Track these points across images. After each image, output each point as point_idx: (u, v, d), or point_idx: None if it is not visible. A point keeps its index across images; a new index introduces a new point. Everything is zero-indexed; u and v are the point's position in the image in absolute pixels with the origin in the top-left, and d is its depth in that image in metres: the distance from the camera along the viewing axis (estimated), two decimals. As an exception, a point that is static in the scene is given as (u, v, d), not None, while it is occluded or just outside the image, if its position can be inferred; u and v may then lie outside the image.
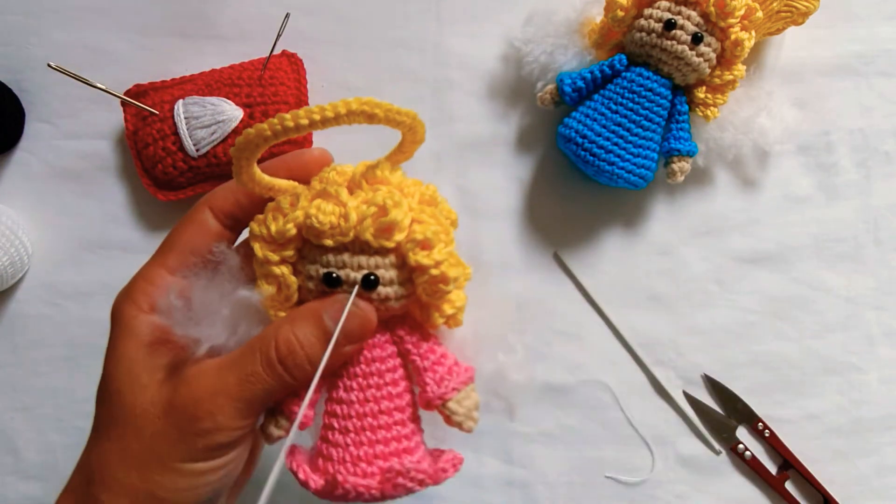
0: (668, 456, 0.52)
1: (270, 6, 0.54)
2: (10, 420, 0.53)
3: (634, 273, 0.54)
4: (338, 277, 0.31)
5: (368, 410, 0.33)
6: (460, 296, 0.33)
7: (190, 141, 0.50)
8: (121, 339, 0.34)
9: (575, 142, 0.48)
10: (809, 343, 0.53)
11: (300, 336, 0.31)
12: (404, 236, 0.30)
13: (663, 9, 0.47)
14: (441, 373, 0.33)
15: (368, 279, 0.30)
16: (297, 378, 0.31)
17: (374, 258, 0.31)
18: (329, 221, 0.30)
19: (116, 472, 0.32)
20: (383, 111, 0.29)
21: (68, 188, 0.54)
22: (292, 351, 0.31)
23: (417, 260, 0.30)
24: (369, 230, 0.30)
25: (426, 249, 0.30)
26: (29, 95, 0.54)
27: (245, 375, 0.31)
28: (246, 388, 0.31)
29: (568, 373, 0.53)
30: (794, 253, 0.54)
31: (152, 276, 0.34)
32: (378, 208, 0.30)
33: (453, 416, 0.33)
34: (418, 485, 0.32)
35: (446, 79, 0.55)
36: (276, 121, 0.27)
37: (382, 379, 0.33)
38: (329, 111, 0.27)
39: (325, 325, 0.31)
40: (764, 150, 0.53)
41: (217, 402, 0.31)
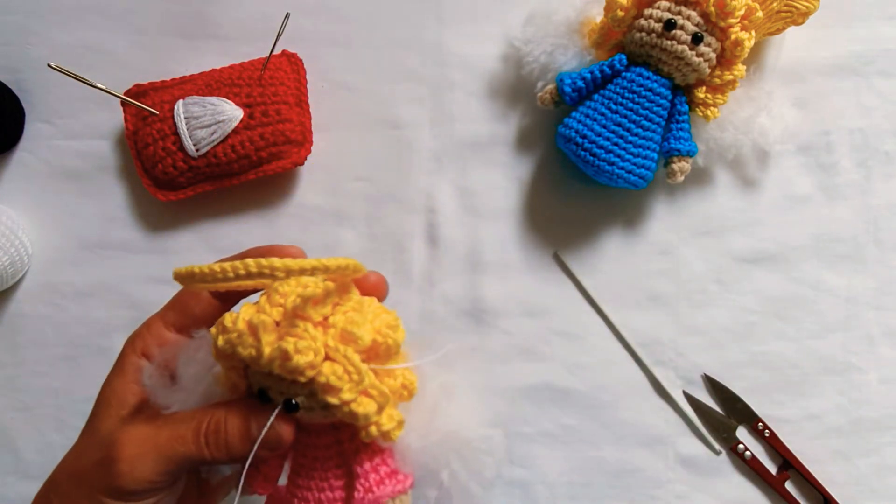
0: (668, 456, 0.52)
1: (270, 6, 0.54)
2: (10, 420, 0.53)
3: (634, 273, 0.54)
4: (268, 396, 0.33)
5: (311, 497, 0.36)
6: (391, 417, 0.34)
7: (190, 141, 0.49)
8: (112, 373, 0.38)
9: (575, 142, 0.48)
10: (809, 343, 0.53)
11: (228, 426, 0.34)
12: (312, 375, 0.32)
13: (663, 9, 0.47)
14: (372, 482, 0.35)
15: (289, 403, 0.33)
16: (215, 456, 0.34)
17: (293, 387, 0.33)
18: (248, 354, 0.32)
19: (62, 484, 0.36)
20: (284, 271, 0.30)
21: (68, 188, 0.54)
22: (217, 432, 0.34)
23: (325, 399, 0.32)
24: (279, 368, 0.32)
25: (331, 392, 0.32)
26: (29, 95, 0.54)
27: (175, 435, 0.34)
28: (170, 446, 0.34)
29: (568, 373, 0.53)
30: (794, 253, 0.54)
31: (152, 325, 0.38)
32: (282, 353, 0.31)
33: None
34: None
35: (446, 79, 0.55)
36: (201, 269, 0.31)
37: (325, 474, 0.36)
38: (229, 271, 0.30)
39: (249, 427, 0.34)
40: (764, 150, 0.53)
41: (142, 448, 0.34)
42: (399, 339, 0.35)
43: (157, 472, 0.34)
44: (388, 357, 0.35)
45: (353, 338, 0.33)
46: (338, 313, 0.34)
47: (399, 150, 0.54)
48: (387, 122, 0.54)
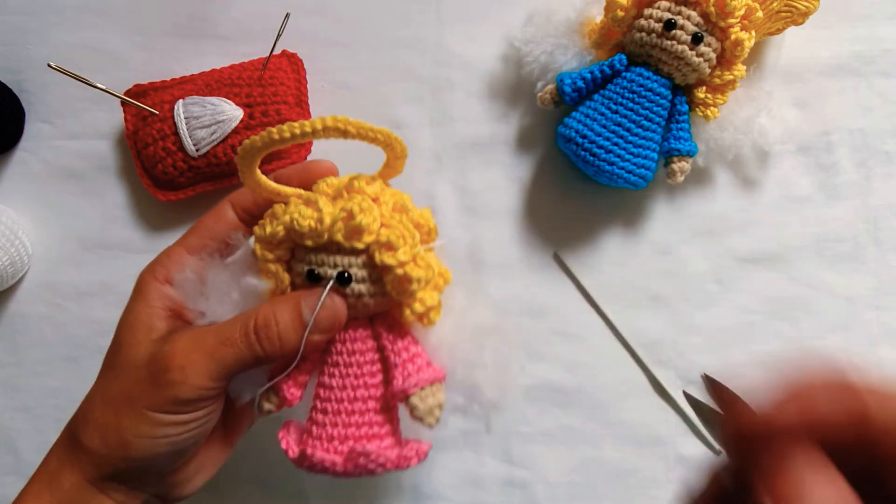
0: (668, 456, 0.52)
1: (270, 6, 0.54)
2: (10, 420, 0.53)
3: (634, 273, 0.54)
4: (318, 274, 0.35)
5: (346, 396, 0.36)
6: (432, 296, 0.36)
7: (190, 141, 0.49)
8: (133, 302, 0.37)
9: (575, 142, 0.48)
10: (809, 343, 0.53)
11: (277, 315, 0.34)
12: (372, 238, 0.34)
13: (663, 9, 0.47)
14: (410, 370, 0.36)
15: (342, 276, 0.34)
16: (267, 350, 0.34)
17: (347, 258, 0.35)
18: (308, 224, 0.34)
19: (95, 410, 0.35)
20: (355, 128, 0.33)
21: (68, 188, 0.54)
22: (267, 325, 0.34)
23: (382, 260, 0.34)
24: (340, 232, 0.34)
25: (390, 251, 0.34)
26: (29, 95, 0.54)
27: (222, 338, 0.34)
28: (219, 350, 0.34)
29: (568, 373, 0.53)
30: (794, 253, 0.54)
31: (172, 252, 0.38)
32: (347, 213, 0.34)
33: (414, 410, 0.36)
34: (379, 468, 0.35)
35: (446, 79, 0.55)
36: (265, 133, 0.32)
37: (360, 370, 0.37)
38: (308, 126, 0.32)
39: (300, 311, 0.34)
40: (764, 150, 0.53)
41: (190, 357, 0.34)
42: (435, 225, 0.38)
43: (211, 377, 0.33)
44: (427, 241, 0.37)
45: (405, 209, 0.36)
46: (385, 194, 0.36)
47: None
48: (387, 122, 0.54)
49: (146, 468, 0.35)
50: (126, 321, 0.37)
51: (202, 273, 0.37)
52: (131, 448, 0.34)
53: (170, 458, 0.36)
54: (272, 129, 0.32)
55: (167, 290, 0.37)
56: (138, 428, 0.34)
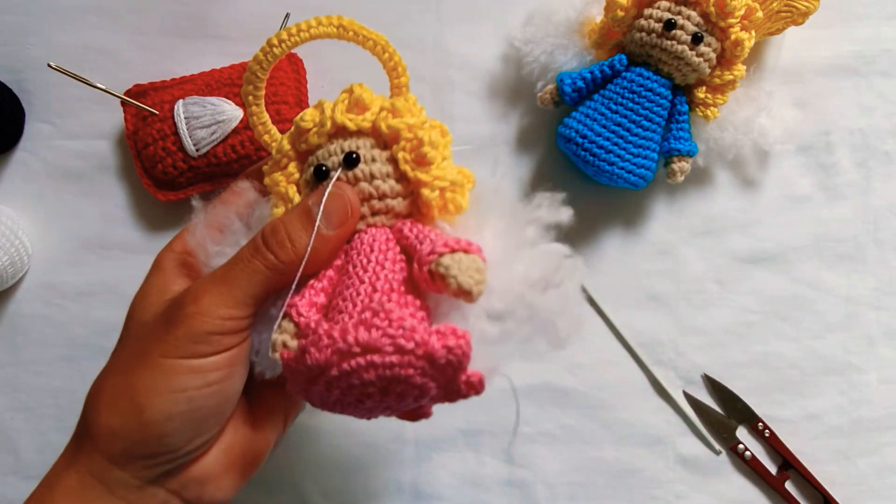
0: (668, 456, 0.52)
1: (270, 6, 0.54)
2: (10, 420, 0.53)
3: (634, 273, 0.54)
4: (325, 167, 0.33)
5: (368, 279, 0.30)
6: (450, 169, 0.33)
7: (190, 141, 0.49)
8: (152, 275, 0.36)
9: (575, 142, 0.48)
10: (809, 343, 0.53)
11: (285, 220, 0.32)
12: (375, 112, 0.33)
13: (663, 9, 0.47)
14: (435, 237, 0.31)
15: (350, 157, 0.32)
16: (279, 256, 0.31)
17: (353, 140, 0.33)
18: (311, 119, 0.33)
19: (105, 382, 0.32)
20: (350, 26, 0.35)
21: (68, 188, 0.54)
22: (274, 230, 0.32)
23: (389, 125, 0.32)
24: (341, 111, 0.33)
25: (398, 116, 0.33)
26: (29, 95, 0.54)
27: (231, 262, 0.32)
28: (230, 270, 0.31)
29: (568, 373, 0.53)
30: (794, 253, 0.54)
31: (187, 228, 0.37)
32: (347, 94, 0.34)
33: (448, 271, 0.28)
34: (401, 337, 0.27)
35: (446, 79, 0.55)
36: (265, 45, 0.35)
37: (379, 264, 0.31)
38: (302, 26, 0.34)
39: (308, 209, 0.32)
40: (764, 150, 0.53)
41: (204, 287, 0.31)
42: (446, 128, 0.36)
43: (227, 304, 0.31)
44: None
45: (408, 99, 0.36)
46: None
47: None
48: (387, 122, 0.54)
49: (162, 438, 0.31)
50: (138, 295, 0.35)
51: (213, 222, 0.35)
52: (146, 409, 0.30)
53: (189, 421, 0.31)
54: (269, 38, 0.34)
55: (183, 258, 0.36)
56: (153, 382, 0.30)
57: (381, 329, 0.28)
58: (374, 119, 0.33)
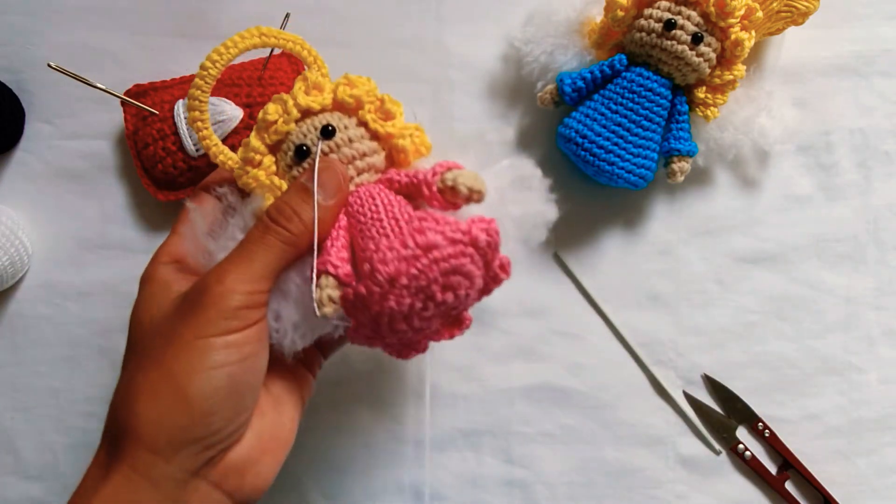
0: (668, 456, 0.52)
1: (270, 6, 0.54)
2: (10, 420, 0.53)
3: (634, 273, 0.54)
4: (303, 146, 0.36)
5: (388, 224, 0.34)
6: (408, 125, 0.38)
7: (190, 141, 0.50)
8: (143, 289, 0.37)
9: (575, 142, 0.48)
10: (809, 343, 0.53)
11: (285, 197, 0.35)
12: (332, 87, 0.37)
13: (663, 9, 0.47)
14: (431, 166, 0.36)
15: (326, 129, 0.36)
16: (289, 228, 0.34)
17: (322, 116, 0.37)
18: (275, 111, 0.36)
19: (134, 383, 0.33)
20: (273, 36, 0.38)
21: (68, 188, 0.54)
22: (280, 208, 0.34)
23: (352, 94, 0.37)
24: (301, 94, 0.36)
25: (354, 87, 0.37)
26: (29, 95, 0.54)
27: (244, 243, 0.34)
28: (246, 250, 0.34)
29: (568, 373, 0.53)
30: (794, 253, 0.54)
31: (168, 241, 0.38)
32: (302, 80, 0.37)
33: (456, 182, 0.34)
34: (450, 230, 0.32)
35: (446, 79, 0.55)
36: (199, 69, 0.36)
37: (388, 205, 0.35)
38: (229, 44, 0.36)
39: (303, 185, 0.35)
40: (764, 150, 0.53)
41: (225, 267, 0.33)
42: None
43: (252, 279, 0.33)
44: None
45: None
46: None
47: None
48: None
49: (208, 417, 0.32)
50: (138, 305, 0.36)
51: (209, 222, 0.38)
52: (189, 389, 0.31)
53: (231, 398, 0.32)
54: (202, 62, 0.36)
55: (176, 266, 0.37)
56: (190, 363, 0.31)
57: (432, 229, 0.32)
58: (333, 95, 0.37)
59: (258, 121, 0.37)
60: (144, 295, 0.36)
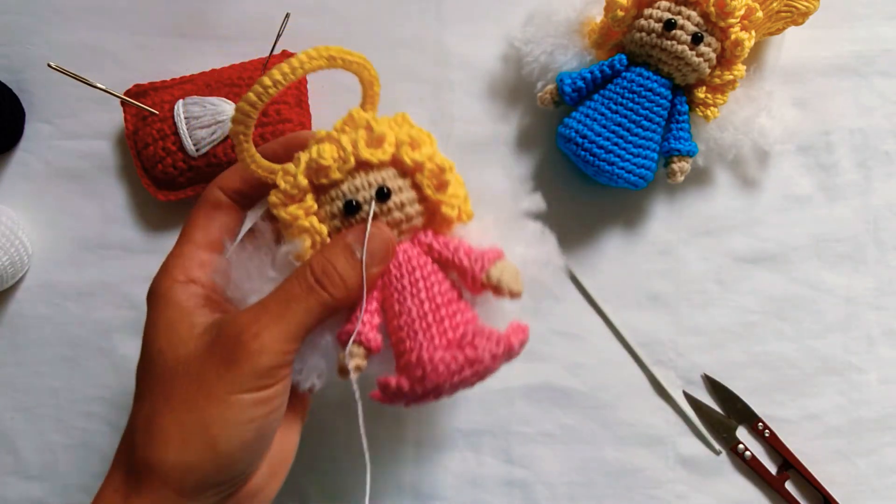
0: (668, 456, 0.52)
1: (270, 6, 0.54)
2: (10, 420, 0.53)
3: (634, 273, 0.54)
4: (356, 203, 0.35)
5: (427, 308, 0.35)
6: (460, 188, 0.37)
7: (190, 141, 0.50)
8: (159, 308, 0.35)
9: (575, 142, 0.48)
10: (809, 343, 0.53)
11: (331, 258, 0.34)
12: (394, 145, 0.35)
13: (663, 9, 0.47)
14: (474, 254, 0.36)
15: (381, 191, 0.34)
16: (334, 294, 0.33)
17: (378, 173, 0.35)
18: (330, 156, 0.34)
19: (162, 422, 0.32)
20: (338, 54, 0.34)
21: (68, 188, 0.54)
22: (326, 271, 0.33)
23: (413, 158, 0.35)
24: (364, 148, 0.34)
25: (416, 148, 0.35)
26: (29, 95, 0.54)
27: (284, 298, 0.33)
28: (287, 309, 0.33)
29: (568, 373, 0.53)
30: (794, 253, 0.54)
31: (183, 252, 0.37)
32: (365, 129, 0.35)
33: (500, 281, 0.35)
34: (496, 346, 0.34)
35: (446, 79, 0.55)
36: (257, 85, 0.33)
37: (428, 280, 0.35)
38: (294, 62, 0.33)
39: (351, 248, 0.34)
40: (764, 150, 0.53)
41: (262, 322, 0.32)
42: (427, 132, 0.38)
43: (287, 339, 0.32)
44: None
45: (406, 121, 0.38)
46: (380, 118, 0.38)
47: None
48: (387, 122, 0.54)
49: (234, 466, 0.33)
50: (157, 328, 0.35)
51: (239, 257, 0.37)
52: (219, 441, 0.32)
53: (257, 447, 0.34)
54: (262, 78, 0.33)
55: (192, 288, 0.35)
56: (223, 418, 0.32)
57: (481, 346, 0.34)
58: (395, 152, 0.35)
59: (311, 159, 0.35)
60: (162, 318, 0.35)
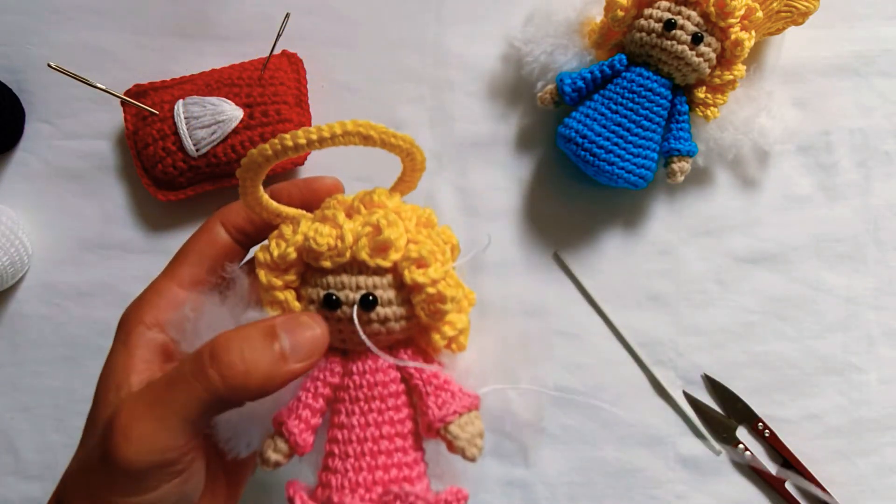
0: (668, 456, 0.52)
1: (270, 6, 0.54)
2: (10, 420, 0.53)
3: (634, 273, 0.54)
4: (337, 299, 0.31)
5: (370, 435, 0.32)
6: (462, 318, 0.33)
7: (190, 141, 0.50)
8: (116, 350, 0.32)
9: (575, 142, 0.48)
10: (809, 343, 0.53)
11: (243, 337, 0.28)
12: (400, 255, 0.31)
13: (663, 9, 0.47)
14: (443, 397, 0.32)
15: (367, 299, 0.31)
16: (227, 379, 0.27)
17: (371, 278, 0.31)
18: (326, 243, 0.30)
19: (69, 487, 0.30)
20: (378, 134, 0.29)
21: (68, 188, 0.54)
22: (228, 348, 0.27)
23: (413, 278, 0.31)
24: (365, 249, 0.30)
25: (422, 267, 0.31)
26: (29, 95, 0.54)
27: (169, 377, 0.27)
28: (166, 393, 0.27)
29: (568, 373, 0.53)
30: (794, 253, 0.54)
31: (162, 288, 0.33)
32: (373, 227, 0.31)
33: (455, 440, 0.32)
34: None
35: (446, 79, 0.55)
36: (277, 141, 0.28)
37: (385, 403, 0.32)
38: (326, 131, 0.28)
39: (275, 333, 0.28)
40: (764, 150, 0.53)
41: (134, 413, 0.26)
42: (457, 241, 0.34)
43: (164, 435, 0.26)
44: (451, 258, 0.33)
45: (431, 224, 0.33)
46: (405, 209, 0.33)
47: (399, 150, 0.54)
48: (387, 122, 0.53)
49: None
50: (106, 376, 0.31)
51: (200, 310, 0.32)
52: None
53: None
54: (284, 135, 0.28)
55: (155, 335, 0.32)
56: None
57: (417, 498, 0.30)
58: (398, 262, 0.31)
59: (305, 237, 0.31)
60: (113, 359, 0.32)
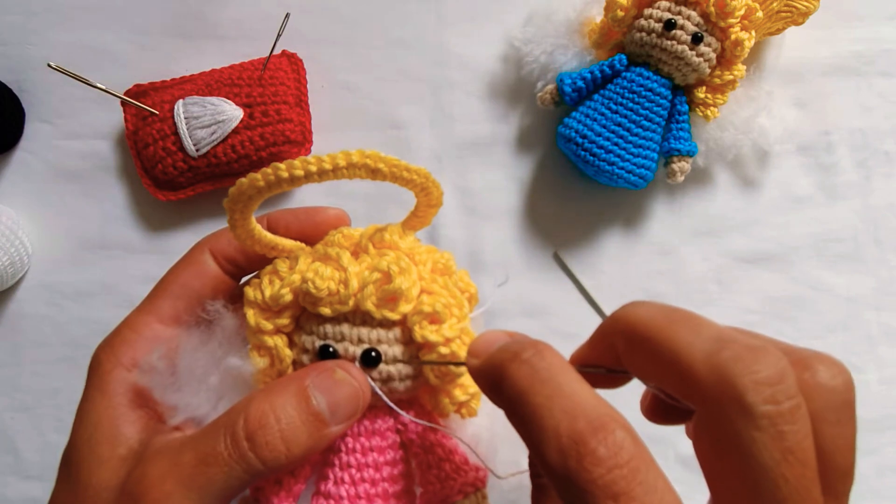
0: (668, 456, 0.52)
1: (270, 6, 0.54)
2: (10, 420, 0.52)
3: (634, 273, 0.54)
4: (335, 352, 0.27)
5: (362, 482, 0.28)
6: (473, 385, 0.29)
7: (190, 141, 0.50)
8: (92, 396, 0.29)
9: (575, 142, 0.48)
10: (809, 343, 0.53)
11: (277, 407, 0.25)
12: (411, 308, 0.27)
13: (663, 9, 0.47)
14: (447, 471, 0.29)
15: (369, 355, 0.27)
16: (268, 462, 0.25)
17: (376, 331, 0.27)
18: (327, 287, 0.27)
19: None
20: (388, 167, 0.25)
21: (68, 188, 0.54)
22: (264, 425, 0.25)
23: (424, 335, 0.27)
24: (371, 299, 0.27)
25: (435, 324, 0.27)
26: (29, 95, 0.54)
27: (203, 455, 0.25)
28: (201, 472, 0.25)
29: (568, 373, 0.53)
30: (794, 253, 0.54)
31: (139, 324, 0.30)
32: (382, 274, 0.27)
33: None
34: None
35: (446, 79, 0.55)
36: (270, 171, 0.24)
37: (379, 473, 0.28)
38: (327, 163, 0.24)
39: (308, 396, 0.26)
40: (764, 150, 0.53)
41: (164, 488, 0.25)
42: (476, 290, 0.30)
43: None
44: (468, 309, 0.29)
45: (449, 271, 0.29)
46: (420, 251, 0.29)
47: (399, 150, 0.54)
48: (387, 122, 0.54)
49: None
50: (84, 427, 0.29)
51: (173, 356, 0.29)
52: None
53: None
54: (279, 165, 0.24)
55: (133, 377, 0.29)
56: None
57: None
58: (408, 316, 0.27)
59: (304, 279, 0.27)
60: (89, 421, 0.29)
